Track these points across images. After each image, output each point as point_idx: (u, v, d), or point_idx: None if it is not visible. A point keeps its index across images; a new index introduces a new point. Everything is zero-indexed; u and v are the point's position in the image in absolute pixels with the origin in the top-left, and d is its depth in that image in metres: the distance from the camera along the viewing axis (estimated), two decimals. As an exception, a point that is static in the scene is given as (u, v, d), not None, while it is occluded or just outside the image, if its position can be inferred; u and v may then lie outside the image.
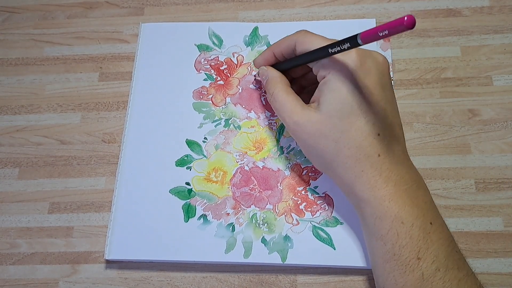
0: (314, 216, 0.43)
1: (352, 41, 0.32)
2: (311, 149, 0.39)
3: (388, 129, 0.37)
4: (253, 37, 0.51)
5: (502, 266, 0.42)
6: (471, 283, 0.34)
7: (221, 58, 0.50)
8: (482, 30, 0.51)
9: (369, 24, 0.50)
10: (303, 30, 0.41)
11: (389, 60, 0.49)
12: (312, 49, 0.38)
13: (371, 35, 0.30)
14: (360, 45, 0.32)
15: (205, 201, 0.45)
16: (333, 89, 0.36)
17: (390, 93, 0.38)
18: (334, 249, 0.42)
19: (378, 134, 0.36)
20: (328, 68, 0.37)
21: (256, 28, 0.51)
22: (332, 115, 0.36)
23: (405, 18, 0.27)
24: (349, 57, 0.36)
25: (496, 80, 0.48)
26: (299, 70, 0.44)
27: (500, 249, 0.43)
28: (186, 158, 0.46)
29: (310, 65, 0.39)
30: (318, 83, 0.39)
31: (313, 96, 0.39)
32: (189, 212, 0.44)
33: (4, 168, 0.49)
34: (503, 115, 0.47)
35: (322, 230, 0.43)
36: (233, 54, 0.51)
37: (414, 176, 0.37)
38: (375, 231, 0.36)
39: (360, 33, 0.31)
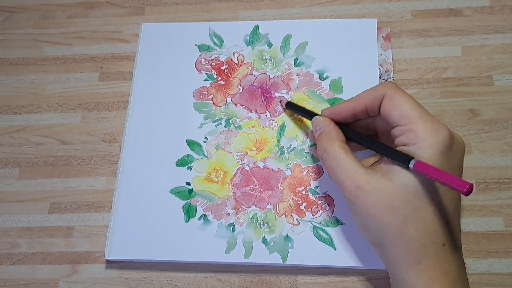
0: (315, 216, 0.43)
1: (405, 162, 0.32)
2: (370, 220, 0.34)
3: (456, 218, 0.34)
4: (254, 36, 0.51)
5: (503, 266, 0.42)
6: None
7: (222, 58, 0.50)
8: (483, 30, 0.50)
9: (370, 24, 0.50)
10: (391, 82, 0.37)
11: (390, 60, 0.49)
12: (402, 112, 0.34)
13: (425, 171, 0.31)
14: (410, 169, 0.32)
15: (205, 201, 0.45)
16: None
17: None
18: (335, 249, 0.42)
19: (448, 222, 0.33)
20: (414, 139, 0.33)
21: (256, 27, 0.51)
22: (408, 190, 0.32)
23: (467, 186, 0.28)
24: (440, 136, 0.33)
25: (497, 80, 0.48)
26: (351, 115, 0.39)
27: (500, 249, 0.43)
28: (186, 158, 0.46)
29: (389, 127, 0.36)
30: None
31: (379, 161, 0.36)
32: (189, 212, 0.44)
33: (5, 168, 0.49)
34: (503, 115, 0.47)
35: (323, 230, 0.43)
36: (233, 53, 0.50)
37: (464, 272, 0.35)
38: None
39: (416, 161, 0.31)
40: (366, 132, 0.40)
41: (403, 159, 0.32)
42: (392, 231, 0.33)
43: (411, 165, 0.31)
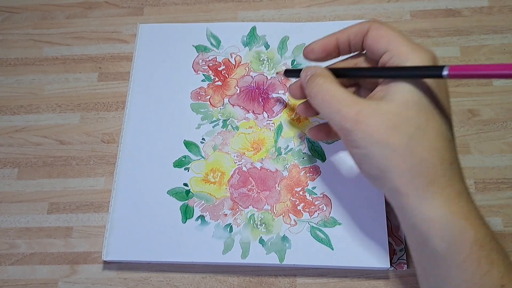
0: (312, 216, 0.43)
1: (436, 71, 0.30)
2: (374, 146, 0.31)
3: (453, 139, 0.33)
4: (251, 37, 0.51)
5: (501, 267, 0.42)
6: None
7: (219, 59, 0.50)
8: (481, 30, 0.50)
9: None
10: (375, 20, 0.36)
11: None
12: (385, 43, 0.34)
13: (464, 70, 0.29)
14: (442, 77, 0.30)
15: (203, 202, 0.45)
16: (412, 80, 0.32)
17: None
18: (332, 249, 0.42)
19: (451, 140, 0.32)
20: (406, 57, 0.32)
21: (254, 28, 0.51)
22: (410, 106, 0.31)
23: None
24: (429, 53, 0.32)
25: (496, 80, 0.48)
26: (335, 48, 0.38)
27: (499, 250, 0.43)
28: (184, 159, 0.46)
29: (376, 55, 0.35)
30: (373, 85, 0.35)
31: (376, 89, 0.34)
32: (187, 213, 0.44)
33: (3, 169, 0.49)
34: (502, 115, 0.47)
35: (320, 230, 0.43)
36: (231, 54, 0.50)
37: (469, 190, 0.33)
38: (448, 258, 0.30)
39: (449, 66, 0.29)
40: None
41: (432, 70, 0.30)
42: (399, 153, 0.31)
43: (445, 72, 0.29)
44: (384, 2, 0.53)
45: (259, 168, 0.46)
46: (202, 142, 0.47)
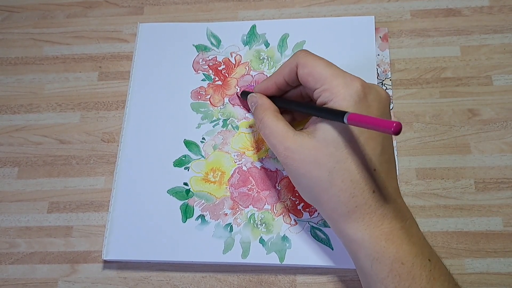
0: (312, 216, 0.43)
1: (339, 118, 0.32)
2: (302, 178, 0.36)
3: (384, 165, 0.35)
4: (251, 36, 0.51)
5: (502, 266, 0.42)
6: None
7: (219, 58, 0.50)
8: (482, 30, 0.50)
9: (368, 21, 0.50)
10: (303, 50, 0.39)
11: (388, 60, 0.49)
12: (316, 74, 0.36)
13: (357, 122, 0.30)
14: (345, 123, 0.32)
15: (203, 201, 0.45)
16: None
17: None
18: (332, 249, 0.42)
19: (374, 170, 0.34)
20: (330, 96, 0.35)
21: (253, 27, 0.51)
22: (329, 143, 0.34)
23: (394, 124, 0.27)
24: (353, 88, 0.34)
25: (496, 80, 0.48)
26: (276, 89, 0.42)
27: (499, 249, 0.43)
28: (184, 158, 0.46)
29: (310, 91, 0.38)
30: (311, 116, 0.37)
31: (307, 124, 0.38)
32: (187, 212, 0.44)
33: (3, 168, 0.49)
34: (503, 115, 0.47)
35: (320, 230, 0.43)
36: (231, 54, 0.50)
37: (406, 213, 0.35)
38: (372, 274, 0.33)
39: (349, 114, 0.31)
40: (301, 100, 0.42)
41: (337, 115, 0.33)
42: (321, 185, 0.35)
43: (345, 119, 0.31)
44: (384, 1, 0.53)
45: (259, 168, 0.45)
46: (202, 142, 0.47)
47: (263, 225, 0.43)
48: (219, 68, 0.50)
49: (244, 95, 0.46)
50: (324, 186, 0.34)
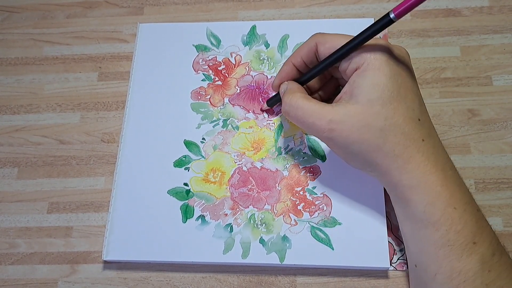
0: (312, 216, 0.43)
1: (385, 19, 0.34)
2: (352, 146, 0.36)
3: (425, 114, 0.37)
4: (251, 36, 0.51)
5: (501, 267, 0.42)
6: None
7: (219, 58, 0.50)
8: (481, 30, 0.50)
9: (368, 23, 0.50)
10: (318, 33, 0.40)
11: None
12: (338, 46, 0.37)
13: (404, 8, 0.32)
14: (393, 21, 0.33)
15: (203, 201, 0.45)
16: (370, 77, 0.35)
17: (416, 81, 0.38)
18: (332, 249, 0.42)
19: (419, 119, 0.36)
20: (361, 59, 0.36)
21: (254, 27, 0.51)
22: (374, 103, 0.35)
23: None
24: (380, 47, 0.36)
25: (496, 80, 0.48)
26: (316, 83, 0.44)
27: (499, 249, 0.43)
28: (184, 158, 0.46)
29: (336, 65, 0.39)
30: (336, 93, 0.38)
31: (341, 93, 0.38)
32: (187, 212, 0.44)
33: (3, 168, 0.49)
34: (502, 115, 0.47)
35: (320, 230, 0.43)
36: (231, 54, 0.50)
37: (451, 162, 0.37)
38: (425, 218, 0.35)
39: (391, 9, 0.33)
40: (334, 90, 0.44)
41: (382, 20, 0.34)
42: (375, 146, 0.35)
43: (392, 15, 0.33)
44: (384, 1, 0.53)
45: (259, 168, 0.45)
46: (202, 142, 0.47)
47: (263, 225, 0.43)
48: (219, 68, 0.50)
49: (269, 103, 0.46)
50: (378, 145, 0.35)
